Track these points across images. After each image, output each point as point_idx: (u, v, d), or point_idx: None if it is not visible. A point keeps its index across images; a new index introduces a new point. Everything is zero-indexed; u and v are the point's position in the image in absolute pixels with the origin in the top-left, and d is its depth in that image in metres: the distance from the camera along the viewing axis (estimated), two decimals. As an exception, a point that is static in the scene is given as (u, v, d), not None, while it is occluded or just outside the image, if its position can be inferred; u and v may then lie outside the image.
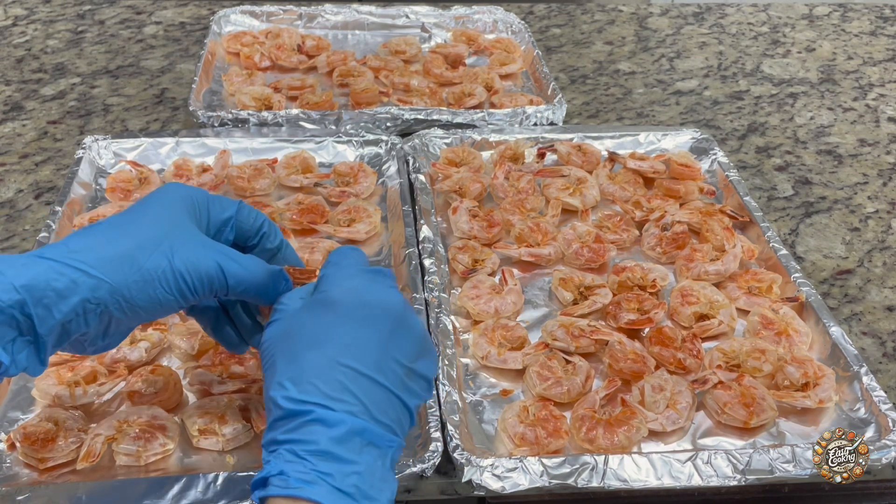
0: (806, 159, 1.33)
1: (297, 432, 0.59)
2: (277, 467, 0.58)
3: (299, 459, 0.58)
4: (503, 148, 1.23)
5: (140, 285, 0.63)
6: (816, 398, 0.86)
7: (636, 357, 0.90)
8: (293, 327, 0.64)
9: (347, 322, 0.63)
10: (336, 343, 0.62)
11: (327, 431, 0.59)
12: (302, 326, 0.64)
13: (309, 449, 0.58)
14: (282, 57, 1.47)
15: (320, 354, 0.61)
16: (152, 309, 0.65)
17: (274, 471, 0.58)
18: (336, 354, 0.61)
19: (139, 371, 0.86)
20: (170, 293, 0.64)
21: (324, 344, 0.62)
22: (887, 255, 1.13)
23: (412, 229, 1.05)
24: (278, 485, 0.57)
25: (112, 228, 0.65)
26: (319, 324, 0.63)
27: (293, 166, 1.17)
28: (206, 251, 0.66)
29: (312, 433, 0.59)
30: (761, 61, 1.64)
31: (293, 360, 0.62)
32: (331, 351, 0.61)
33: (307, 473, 0.57)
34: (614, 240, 1.09)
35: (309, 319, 0.64)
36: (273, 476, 0.58)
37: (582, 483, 0.76)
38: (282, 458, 0.58)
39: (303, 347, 0.62)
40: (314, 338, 0.62)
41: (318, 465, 0.58)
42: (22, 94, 1.41)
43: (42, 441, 0.77)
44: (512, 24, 1.62)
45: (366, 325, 0.63)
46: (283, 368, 0.62)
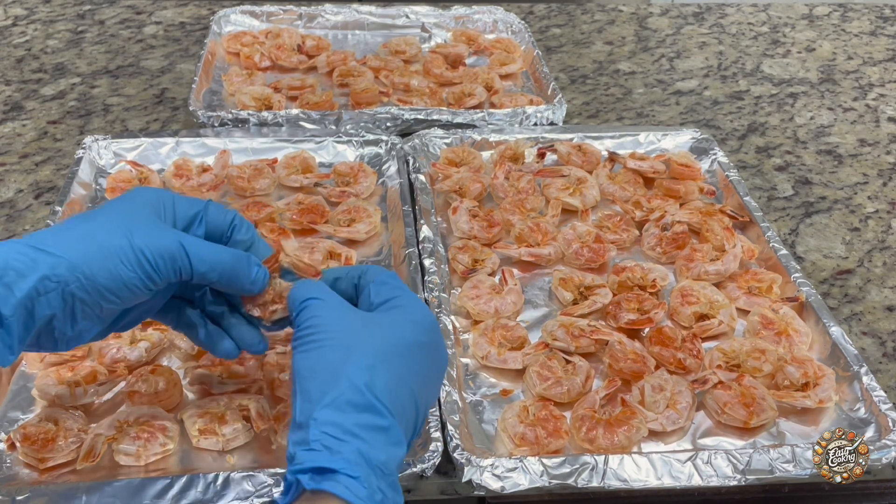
0: (806, 159, 1.33)
1: (374, 434, 0.59)
2: (354, 469, 0.57)
3: (371, 471, 0.58)
4: (503, 148, 1.23)
5: (100, 261, 0.63)
6: (816, 398, 0.86)
7: (636, 357, 0.90)
8: (373, 322, 0.65)
9: (425, 352, 0.65)
10: (413, 365, 0.64)
11: (396, 449, 0.60)
12: (386, 327, 0.65)
13: (382, 463, 0.58)
14: (282, 57, 1.47)
15: (401, 365, 0.63)
16: (116, 288, 0.64)
17: (350, 471, 0.57)
18: (409, 374, 0.63)
19: (139, 371, 0.86)
20: (131, 269, 0.64)
21: (405, 357, 0.63)
22: (887, 255, 1.13)
23: (412, 229, 1.05)
24: (352, 490, 0.56)
25: (73, 219, 0.67)
26: (406, 337, 0.64)
27: (293, 166, 1.17)
28: (166, 233, 0.66)
29: (387, 444, 0.59)
30: (761, 61, 1.64)
31: (377, 354, 0.62)
32: (408, 368, 0.63)
33: (376, 492, 0.57)
34: (614, 240, 1.09)
35: (395, 326, 0.65)
36: (346, 475, 0.57)
37: (582, 483, 0.76)
38: (355, 456, 0.57)
39: (389, 348, 0.63)
40: (399, 347, 0.64)
41: (383, 485, 0.58)
42: (22, 94, 1.41)
43: (42, 441, 0.77)
44: (512, 24, 1.62)
45: (433, 363, 0.67)
46: (366, 354, 0.61)
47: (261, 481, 0.73)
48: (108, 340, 0.89)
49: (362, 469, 0.57)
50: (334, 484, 0.56)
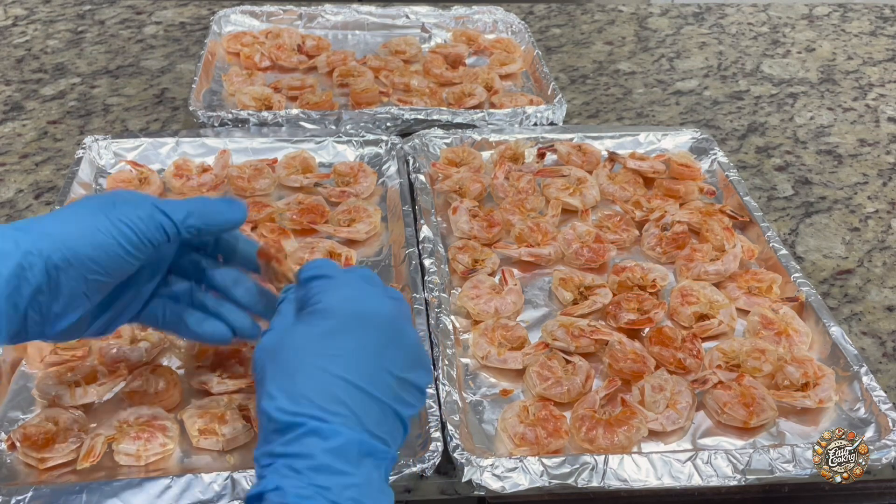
0: (806, 159, 1.34)
1: (293, 445, 0.58)
2: (273, 482, 0.57)
3: (296, 474, 0.57)
4: (503, 148, 1.23)
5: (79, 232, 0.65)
6: (816, 398, 0.86)
7: (636, 357, 0.90)
8: (285, 338, 0.64)
9: (340, 332, 0.63)
10: (329, 354, 0.61)
11: (322, 443, 0.58)
12: (294, 337, 0.63)
13: (306, 463, 0.57)
14: (282, 57, 1.47)
15: (313, 365, 0.61)
16: (98, 257, 0.66)
17: (270, 486, 0.57)
18: (329, 365, 0.61)
19: (139, 371, 0.86)
20: (110, 236, 0.66)
21: (316, 355, 0.61)
22: (887, 255, 1.13)
23: (412, 229, 1.05)
24: (275, 501, 0.56)
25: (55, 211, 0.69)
26: (312, 334, 0.63)
27: (293, 166, 1.17)
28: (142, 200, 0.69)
29: (308, 445, 0.58)
30: (761, 61, 1.64)
31: (284, 372, 0.61)
32: (323, 362, 0.61)
33: (305, 488, 0.56)
34: (614, 240, 1.09)
35: (301, 330, 0.64)
36: (269, 492, 0.57)
37: (582, 483, 0.76)
38: (278, 472, 0.58)
39: (294, 358, 0.62)
40: (306, 349, 0.62)
41: (316, 478, 0.57)
42: (22, 94, 1.41)
43: (42, 441, 0.77)
44: (512, 24, 1.62)
45: (359, 335, 0.63)
46: (274, 379, 0.61)
47: (261, 481, 0.73)
48: (108, 340, 0.89)
49: (286, 479, 0.57)
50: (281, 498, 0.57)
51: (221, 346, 0.89)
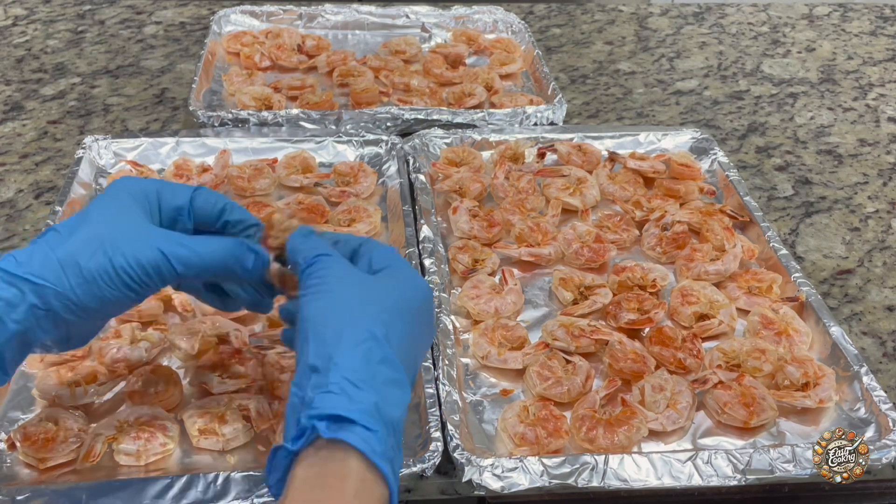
0: (806, 159, 1.33)
1: (390, 389, 0.58)
2: (372, 422, 0.55)
3: (386, 426, 0.57)
4: (503, 148, 1.23)
5: (84, 287, 0.63)
6: (816, 398, 0.86)
7: (636, 357, 0.90)
8: (381, 283, 0.65)
9: (424, 317, 0.66)
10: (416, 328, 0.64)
11: (406, 406, 0.60)
12: (393, 290, 0.65)
13: (393, 419, 0.58)
14: (282, 57, 1.47)
15: (409, 326, 0.63)
16: (105, 308, 0.65)
17: (370, 424, 0.55)
18: (414, 336, 0.64)
19: (139, 371, 0.86)
20: (116, 290, 0.64)
21: (411, 321, 0.64)
22: (887, 254, 1.13)
23: (412, 229, 1.05)
24: (370, 444, 0.55)
25: (57, 233, 0.65)
26: (410, 299, 0.65)
27: (293, 166, 1.17)
28: (148, 240, 0.65)
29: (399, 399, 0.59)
30: (761, 61, 1.64)
31: (390, 312, 0.62)
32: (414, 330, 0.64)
33: (390, 449, 0.57)
34: (614, 240, 1.09)
35: (400, 289, 0.65)
36: (364, 428, 0.55)
37: (582, 483, 0.76)
38: (371, 408, 0.56)
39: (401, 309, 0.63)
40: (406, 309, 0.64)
41: (395, 441, 0.58)
42: (22, 94, 1.41)
43: (42, 441, 0.77)
44: (512, 24, 1.62)
45: (430, 329, 0.69)
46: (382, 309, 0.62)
47: (261, 481, 0.73)
48: (108, 340, 0.89)
49: (379, 423, 0.56)
50: (352, 435, 0.55)
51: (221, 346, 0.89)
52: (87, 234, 0.64)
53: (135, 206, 0.67)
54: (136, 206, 0.67)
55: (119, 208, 0.67)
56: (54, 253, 0.63)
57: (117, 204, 0.67)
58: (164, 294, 0.95)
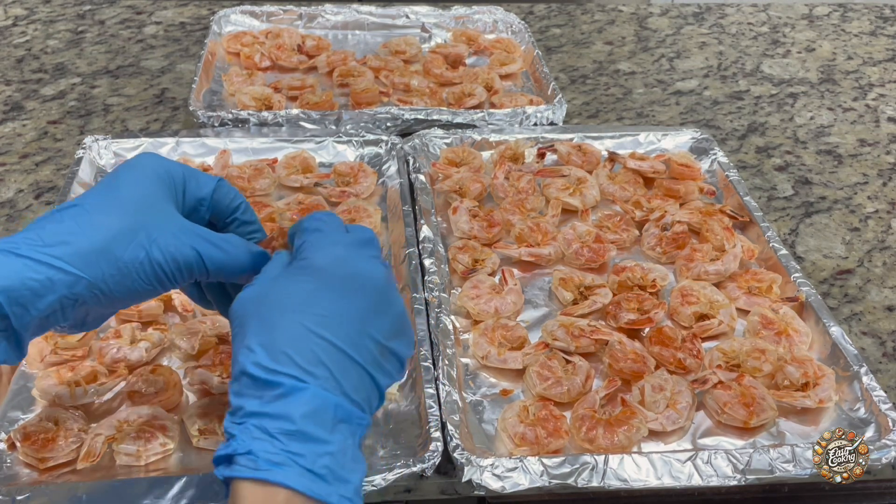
0: (806, 159, 1.34)
1: (269, 405, 0.56)
2: (245, 445, 0.55)
3: (269, 438, 0.55)
4: (503, 148, 1.23)
5: (117, 279, 0.62)
6: (816, 398, 0.86)
7: (636, 357, 0.90)
8: (270, 292, 0.61)
9: (328, 292, 0.61)
10: (314, 313, 0.59)
11: (299, 407, 0.56)
12: (279, 292, 0.61)
13: (280, 427, 0.55)
14: (282, 57, 1.47)
15: (296, 322, 0.59)
16: (132, 298, 0.65)
17: (241, 449, 0.55)
18: (312, 324, 0.59)
19: (139, 371, 0.86)
20: (148, 283, 0.64)
21: (301, 312, 0.59)
22: (887, 254, 1.13)
23: (412, 229, 1.05)
24: (246, 465, 0.54)
25: (86, 215, 0.63)
26: (298, 291, 0.61)
27: (293, 166, 1.17)
28: (183, 237, 0.64)
29: (284, 407, 0.56)
30: (761, 61, 1.64)
31: (266, 326, 0.59)
32: (307, 320, 0.59)
33: (277, 454, 0.55)
34: (614, 240, 1.09)
35: (287, 285, 0.61)
36: (240, 455, 0.55)
37: (582, 483, 0.76)
38: (249, 433, 0.55)
39: (277, 313, 0.59)
40: (291, 305, 0.60)
41: (289, 444, 0.55)
42: (22, 94, 1.41)
43: (42, 441, 0.77)
44: (512, 24, 1.62)
45: (346, 297, 0.61)
46: (255, 333, 0.58)
47: (261, 481, 0.73)
48: (108, 340, 0.89)
49: (258, 442, 0.55)
50: (234, 467, 0.55)
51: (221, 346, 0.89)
52: (121, 223, 0.63)
53: (163, 191, 0.66)
54: (164, 191, 0.66)
55: (149, 192, 0.65)
56: (87, 240, 0.62)
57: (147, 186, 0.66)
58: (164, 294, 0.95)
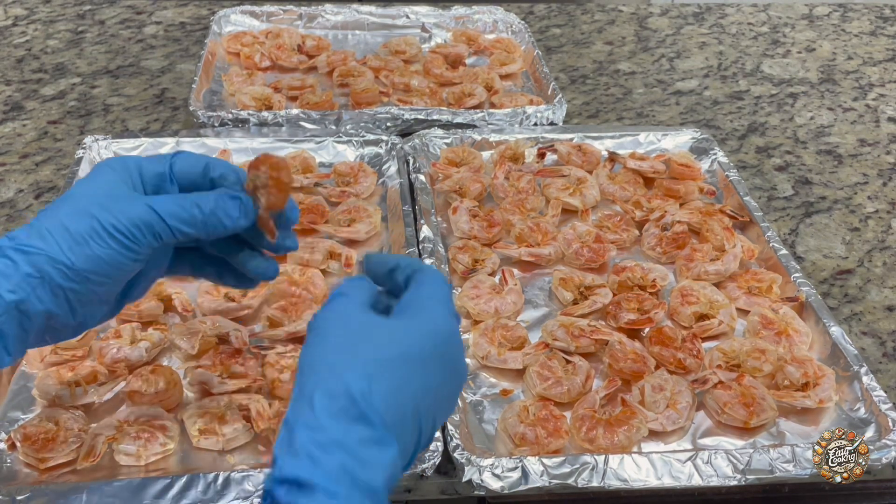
0: (806, 159, 1.34)
1: (364, 449, 0.53)
2: (334, 486, 0.51)
3: (354, 489, 0.52)
4: (503, 148, 1.23)
5: (74, 248, 0.63)
6: (816, 398, 0.86)
7: (636, 357, 0.90)
8: (387, 327, 0.60)
9: (438, 364, 0.59)
10: (421, 377, 0.58)
11: (388, 467, 0.54)
12: (398, 334, 0.59)
13: (367, 481, 0.52)
14: (282, 57, 1.47)
15: (406, 377, 0.57)
16: (100, 269, 0.64)
17: (328, 486, 0.51)
18: (416, 387, 0.57)
19: (139, 371, 0.86)
20: (108, 247, 0.64)
21: (413, 369, 0.57)
22: (887, 254, 1.13)
23: (412, 229, 1.05)
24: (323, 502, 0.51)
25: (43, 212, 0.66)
26: (417, 347, 0.58)
27: (293, 166, 1.17)
28: (134, 201, 0.66)
29: (376, 460, 0.53)
30: (761, 61, 1.64)
31: (380, 363, 0.56)
32: (415, 380, 0.57)
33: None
34: (614, 240, 1.09)
35: (408, 333, 0.59)
36: (321, 493, 0.51)
37: (582, 483, 0.76)
38: (338, 472, 0.52)
39: (395, 357, 0.57)
40: (407, 357, 0.57)
41: (362, 501, 0.52)
42: (22, 94, 1.41)
43: (42, 441, 0.77)
44: (512, 24, 1.62)
45: (446, 377, 0.60)
46: (368, 361, 0.56)
47: (261, 481, 0.73)
48: (108, 340, 0.89)
49: (344, 487, 0.52)
50: (310, 500, 0.51)
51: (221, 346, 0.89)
52: (73, 204, 0.65)
53: (118, 180, 0.67)
54: (119, 180, 0.67)
55: (103, 182, 0.67)
56: (42, 223, 0.64)
57: (101, 178, 0.67)
58: (163, 294, 0.95)
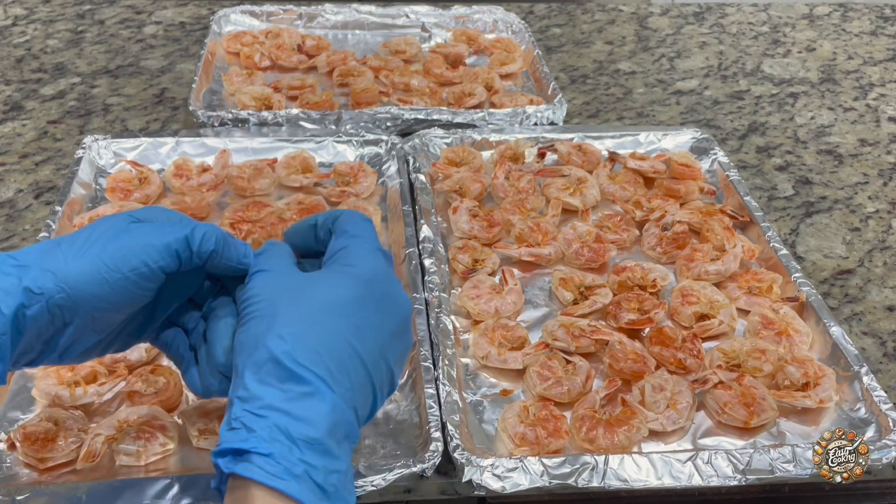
0: (806, 159, 1.33)
1: (293, 404, 0.54)
2: (266, 446, 0.53)
3: (290, 444, 0.53)
4: (503, 148, 1.23)
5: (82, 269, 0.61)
6: (817, 398, 0.86)
7: (636, 357, 0.90)
8: (309, 287, 0.60)
9: (367, 304, 0.60)
10: (351, 321, 0.58)
11: (324, 415, 0.55)
12: (321, 290, 0.60)
13: (304, 433, 0.54)
14: (282, 57, 1.47)
15: (333, 325, 0.58)
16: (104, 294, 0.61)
17: (262, 449, 0.53)
18: (347, 332, 0.58)
19: (139, 371, 0.86)
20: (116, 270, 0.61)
21: (340, 316, 0.58)
22: (888, 254, 1.13)
23: (412, 229, 1.05)
24: (263, 468, 0.52)
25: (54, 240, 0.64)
26: (341, 294, 0.60)
27: (293, 166, 1.17)
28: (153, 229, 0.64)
29: (309, 410, 0.54)
30: (761, 61, 1.64)
31: (302, 319, 0.57)
32: (344, 326, 0.58)
33: (296, 465, 0.53)
34: (614, 240, 1.09)
35: (330, 285, 0.60)
36: (259, 455, 0.53)
37: (582, 483, 0.76)
38: (270, 432, 0.53)
39: (317, 310, 0.58)
40: (331, 306, 0.59)
41: (307, 455, 0.53)
42: (22, 94, 1.41)
43: (42, 441, 0.77)
44: (512, 24, 1.62)
45: (381, 314, 0.61)
46: (289, 322, 0.57)
47: (261, 481, 0.73)
48: (108, 340, 0.89)
49: (278, 444, 0.53)
50: (247, 465, 0.53)
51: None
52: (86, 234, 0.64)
53: None
54: None
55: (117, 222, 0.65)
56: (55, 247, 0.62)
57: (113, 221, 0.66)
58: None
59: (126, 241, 0.62)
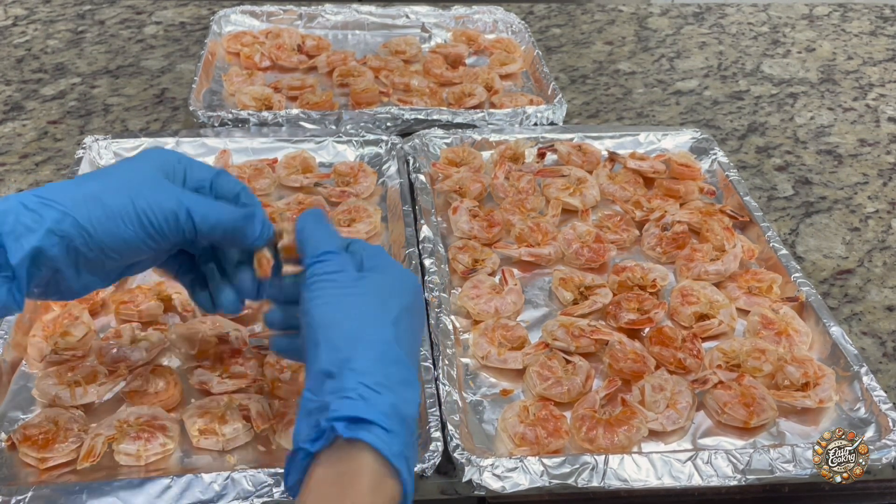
0: (806, 159, 1.34)
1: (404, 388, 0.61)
2: (388, 421, 0.57)
3: (404, 425, 0.59)
4: (503, 148, 1.23)
5: (103, 221, 0.64)
6: (816, 398, 0.86)
7: (636, 357, 0.90)
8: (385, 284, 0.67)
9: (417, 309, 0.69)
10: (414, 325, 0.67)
11: (418, 404, 0.63)
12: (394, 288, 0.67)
13: (412, 416, 0.61)
14: (282, 57, 1.47)
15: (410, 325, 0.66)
16: (118, 247, 0.65)
17: (384, 423, 0.57)
18: (416, 334, 0.68)
19: (139, 371, 0.86)
20: (133, 230, 0.65)
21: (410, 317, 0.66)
22: (887, 254, 1.13)
23: (412, 229, 1.05)
24: (387, 442, 0.57)
25: (84, 177, 0.68)
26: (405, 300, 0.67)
27: (293, 166, 1.17)
28: (170, 193, 0.67)
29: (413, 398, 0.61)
30: (761, 61, 1.64)
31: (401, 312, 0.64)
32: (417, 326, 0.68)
33: (408, 447, 0.59)
34: (614, 240, 1.09)
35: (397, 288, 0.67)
36: (380, 427, 0.57)
37: (582, 483, 0.76)
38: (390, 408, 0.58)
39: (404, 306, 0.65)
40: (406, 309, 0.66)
41: (411, 439, 0.60)
42: (22, 94, 1.41)
43: (42, 441, 0.77)
44: (512, 24, 1.62)
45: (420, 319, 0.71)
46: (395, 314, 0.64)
47: (261, 481, 0.73)
48: (108, 340, 0.89)
49: (397, 423, 0.58)
50: (370, 435, 0.57)
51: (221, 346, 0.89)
52: (114, 179, 0.66)
53: (160, 171, 0.69)
54: (161, 171, 0.69)
55: (149, 167, 0.68)
56: (78, 189, 0.65)
57: (143, 165, 0.69)
58: (163, 294, 0.95)
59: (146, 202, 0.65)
